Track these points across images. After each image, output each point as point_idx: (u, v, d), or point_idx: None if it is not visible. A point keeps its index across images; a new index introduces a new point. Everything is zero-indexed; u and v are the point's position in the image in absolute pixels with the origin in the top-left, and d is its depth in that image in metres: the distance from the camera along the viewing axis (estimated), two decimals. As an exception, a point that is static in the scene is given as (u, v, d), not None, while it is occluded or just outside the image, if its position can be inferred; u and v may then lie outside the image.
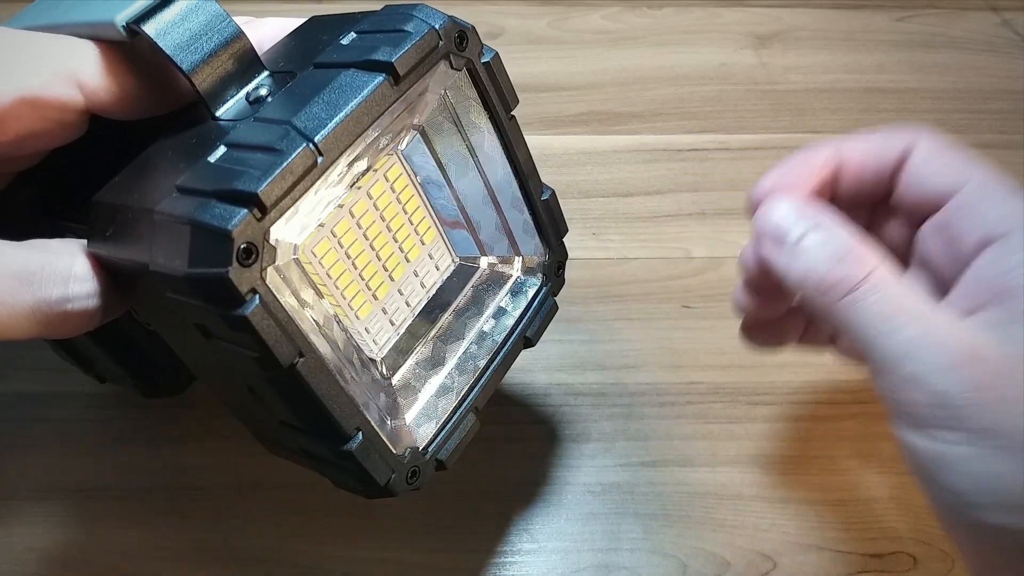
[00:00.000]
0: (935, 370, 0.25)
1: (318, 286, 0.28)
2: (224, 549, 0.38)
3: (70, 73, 0.27)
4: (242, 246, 0.22)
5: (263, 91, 0.27)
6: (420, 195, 0.32)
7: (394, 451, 0.28)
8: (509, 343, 0.34)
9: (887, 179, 0.33)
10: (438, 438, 0.31)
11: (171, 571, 0.38)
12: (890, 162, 0.33)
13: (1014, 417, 0.25)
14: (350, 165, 0.26)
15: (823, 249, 0.28)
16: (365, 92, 0.25)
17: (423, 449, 0.30)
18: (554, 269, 0.35)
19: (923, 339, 0.26)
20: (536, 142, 0.53)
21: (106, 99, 0.27)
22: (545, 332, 0.36)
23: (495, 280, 0.35)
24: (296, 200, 0.24)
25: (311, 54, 0.27)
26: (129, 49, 0.27)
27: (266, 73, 0.28)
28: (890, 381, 0.26)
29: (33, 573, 0.38)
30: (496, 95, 0.30)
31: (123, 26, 0.26)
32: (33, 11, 0.29)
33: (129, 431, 0.42)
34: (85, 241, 0.27)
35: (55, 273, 0.26)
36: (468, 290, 0.34)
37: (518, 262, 0.35)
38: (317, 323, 0.26)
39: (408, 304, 0.33)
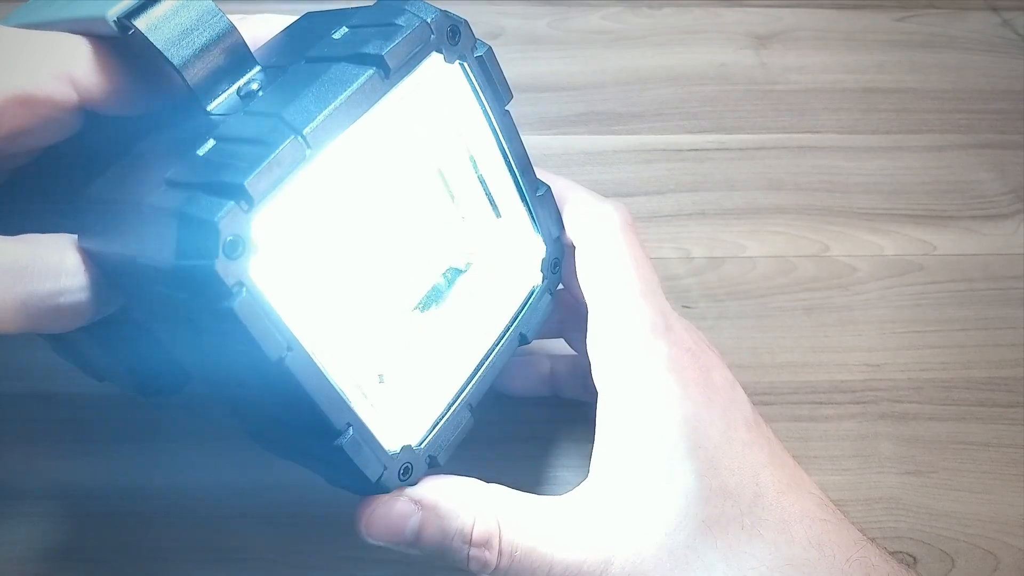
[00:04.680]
0: None
1: (307, 279, 0.28)
2: (224, 549, 0.38)
3: (63, 70, 0.27)
4: (229, 238, 0.22)
5: (254, 85, 0.27)
6: (412, 191, 0.32)
7: (385, 447, 0.28)
8: (504, 340, 0.34)
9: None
10: (431, 434, 0.31)
11: (172, 570, 0.38)
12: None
13: None
14: (340, 158, 0.26)
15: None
16: (355, 85, 0.25)
17: (416, 445, 0.30)
18: (550, 266, 0.35)
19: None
20: (536, 142, 0.53)
21: (99, 95, 0.27)
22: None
23: (489, 276, 0.35)
24: (284, 192, 0.24)
25: (303, 49, 0.28)
26: (121, 45, 0.27)
27: (258, 68, 0.28)
28: None
29: (33, 573, 0.38)
30: (490, 89, 0.30)
31: (114, 21, 0.26)
32: (26, 9, 0.29)
33: (129, 431, 0.42)
34: (76, 236, 0.27)
35: (46, 267, 0.26)
36: (462, 286, 0.34)
37: (514, 259, 0.35)
38: (306, 317, 0.26)
39: (400, 299, 0.32)
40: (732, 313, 0.47)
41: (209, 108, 0.27)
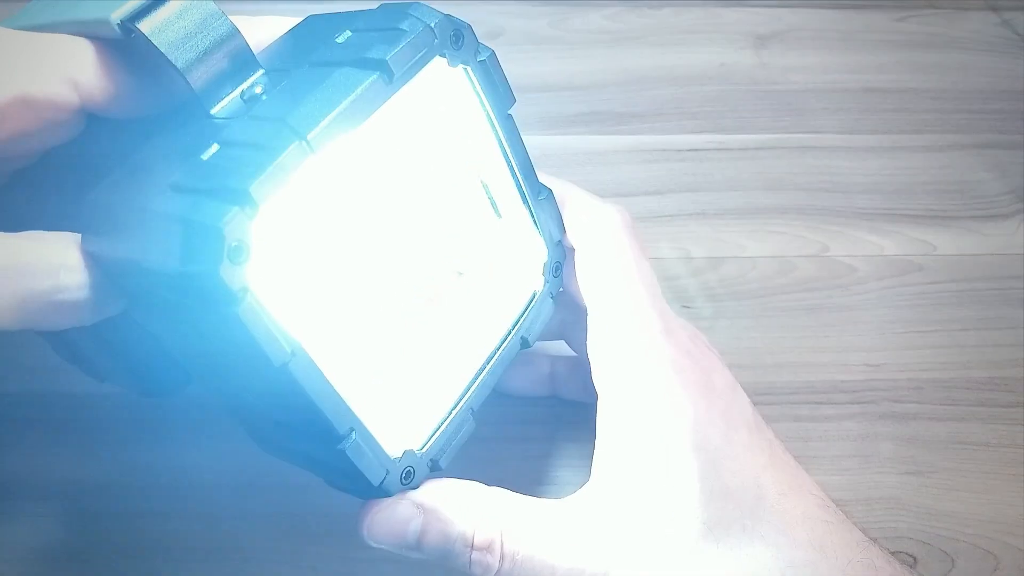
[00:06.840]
0: None
1: (310, 284, 0.28)
2: (224, 549, 0.38)
3: (65, 73, 0.27)
4: (233, 244, 0.22)
5: (258, 89, 0.27)
6: (415, 195, 0.32)
7: (388, 451, 0.28)
8: (506, 344, 0.33)
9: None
10: (433, 439, 0.31)
11: (171, 570, 0.38)
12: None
13: None
14: (344, 163, 0.26)
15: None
16: (358, 90, 0.25)
17: (418, 450, 0.30)
18: (552, 270, 0.35)
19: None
20: (536, 142, 0.53)
21: (101, 98, 0.27)
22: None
23: (491, 280, 0.35)
24: (288, 197, 0.24)
25: (307, 53, 0.27)
26: (124, 47, 0.27)
27: (261, 71, 0.28)
28: None
29: (33, 573, 0.38)
30: (493, 94, 0.30)
31: (118, 24, 0.26)
32: (29, 11, 0.29)
33: (129, 431, 0.42)
34: (79, 235, 0.27)
35: (46, 263, 0.26)
36: (463, 291, 0.34)
37: (515, 262, 0.35)
38: (309, 322, 0.26)
39: (402, 304, 0.32)
40: (731, 313, 0.47)
41: (212, 112, 0.27)
